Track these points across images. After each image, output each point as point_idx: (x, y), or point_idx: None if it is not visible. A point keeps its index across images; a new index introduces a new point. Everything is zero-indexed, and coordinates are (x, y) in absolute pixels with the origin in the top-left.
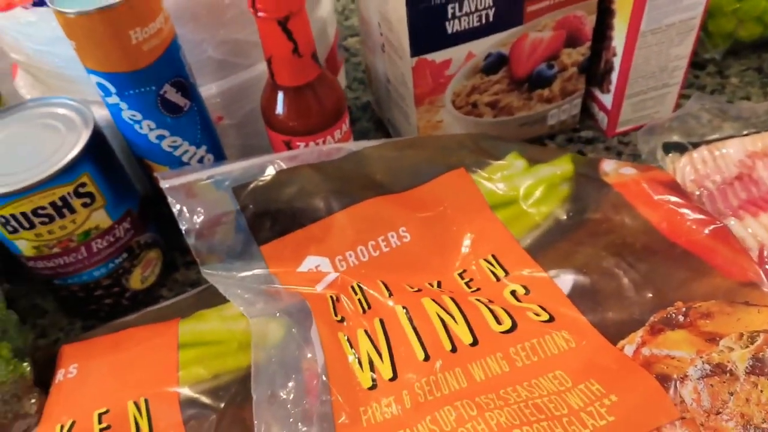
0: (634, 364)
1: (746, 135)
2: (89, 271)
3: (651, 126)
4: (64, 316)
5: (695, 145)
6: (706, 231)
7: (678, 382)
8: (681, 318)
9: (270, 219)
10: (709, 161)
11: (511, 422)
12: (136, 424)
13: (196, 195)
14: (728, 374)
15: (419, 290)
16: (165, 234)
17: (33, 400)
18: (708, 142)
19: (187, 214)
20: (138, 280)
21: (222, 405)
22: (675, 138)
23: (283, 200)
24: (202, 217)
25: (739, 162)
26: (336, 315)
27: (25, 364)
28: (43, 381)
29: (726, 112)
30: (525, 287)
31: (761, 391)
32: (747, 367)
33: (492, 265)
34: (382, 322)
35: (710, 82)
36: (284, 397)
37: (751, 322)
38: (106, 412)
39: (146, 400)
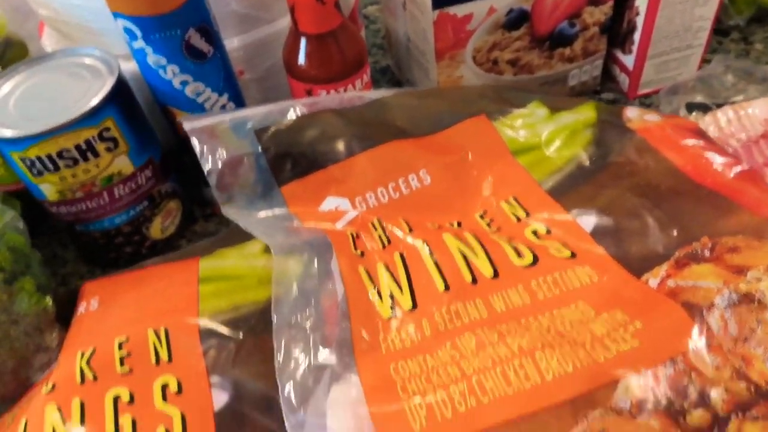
0: (659, 294)
1: None
2: (111, 217)
3: (674, 86)
4: (84, 265)
5: (719, 106)
6: (734, 173)
7: (705, 310)
8: (707, 252)
9: (291, 160)
10: (734, 120)
11: (532, 345)
12: (156, 352)
13: (219, 137)
14: (756, 303)
15: (439, 227)
16: (185, 186)
17: (54, 334)
18: (733, 104)
19: (209, 155)
20: (158, 229)
21: (241, 335)
22: (699, 99)
23: (304, 143)
24: (223, 158)
25: (765, 121)
26: (356, 250)
27: (48, 298)
28: (64, 318)
29: (752, 74)
30: (546, 227)
31: None
32: None
33: (513, 206)
34: (402, 256)
35: (734, 48)
36: (304, 322)
37: None
38: (126, 340)
39: (166, 330)
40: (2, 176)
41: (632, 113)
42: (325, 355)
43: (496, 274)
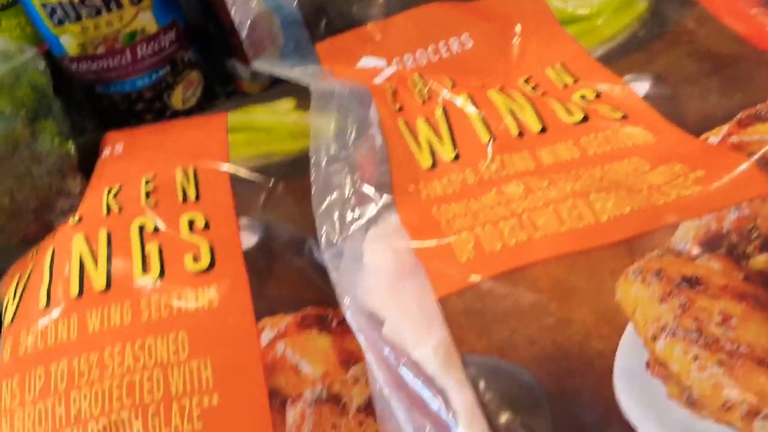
0: (721, 148)
1: None
2: (132, 79)
3: None
4: (103, 133)
5: None
6: None
7: None
8: None
9: (326, 16)
10: None
11: (586, 189)
12: (183, 190)
13: None
14: None
15: (483, 85)
16: (208, 58)
17: (77, 181)
18: None
19: (242, 5)
20: (179, 99)
21: (272, 181)
22: None
23: None
24: (256, 10)
25: None
26: (395, 104)
27: (70, 143)
28: (85, 169)
29: None
30: (596, 91)
31: None
32: None
33: (559, 73)
34: (444, 109)
35: None
36: (342, 163)
37: None
38: (153, 177)
39: (195, 170)
40: (23, 37)
41: None
42: (364, 194)
43: (543, 129)
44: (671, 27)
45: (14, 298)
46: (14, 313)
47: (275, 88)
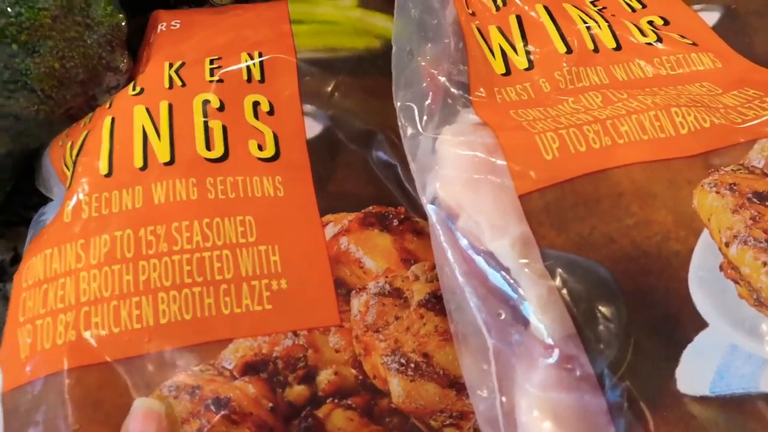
0: None
1: None
2: None
3: None
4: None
5: None
6: None
7: None
8: None
9: None
10: None
11: (667, 102)
12: (249, 70)
13: None
14: None
15: None
16: None
17: (125, 58)
18: None
19: None
20: None
21: (339, 75)
22: None
23: None
24: None
25: None
26: (468, 8)
27: (122, 15)
28: (133, 48)
29: None
30: (664, 18)
31: None
32: None
33: None
34: (518, 17)
35: None
36: (422, 60)
37: None
38: (218, 57)
39: (260, 53)
40: None
41: None
42: (443, 92)
43: (618, 47)
44: None
45: (70, 165)
46: (71, 178)
47: None
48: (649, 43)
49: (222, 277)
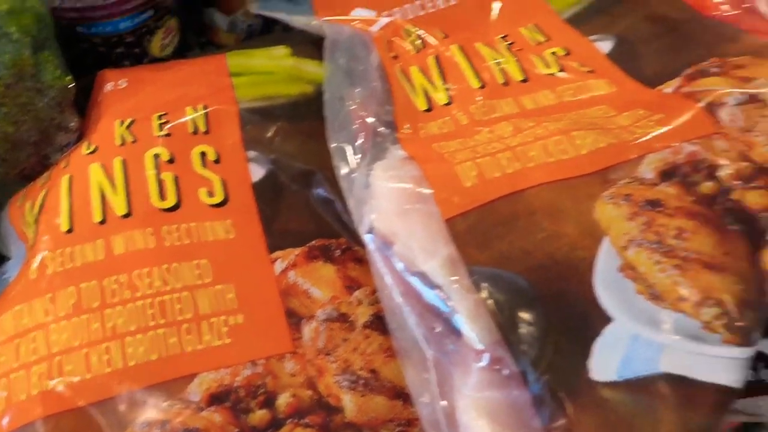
0: (675, 95)
1: None
2: (115, 21)
3: None
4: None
5: None
6: (740, 8)
7: (716, 107)
8: (716, 69)
9: None
10: None
11: (568, 128)
12: (194, 123)
13: None
14: (761, 103)
15: (469, 38)
16: (184, 7)
17: (75, 116)
18: None
19: None
20: (158, 46)
21: (278, 120)
22: None
23: None
24: None
25: None
26: (390, 52)
27: (70, 76)
28: (80, 106)
29: None
30: (566, 49)
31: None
32: None
33: (532, 32)
34: (437, 58)
35: None
36: (352, 104)
37: None
38: (165, 114)
39: (205, 105)
40: None
41: None
42: (373, 132)
43: (525, 79)
44: None
45: (31, 223)
46: (33, 237)
47: (264, 37)
48: (552, 74)
49: (183, 317)
